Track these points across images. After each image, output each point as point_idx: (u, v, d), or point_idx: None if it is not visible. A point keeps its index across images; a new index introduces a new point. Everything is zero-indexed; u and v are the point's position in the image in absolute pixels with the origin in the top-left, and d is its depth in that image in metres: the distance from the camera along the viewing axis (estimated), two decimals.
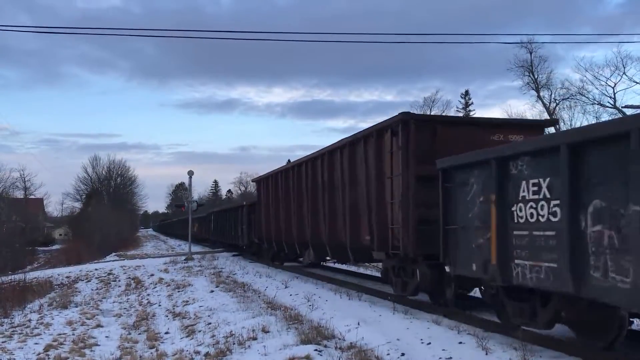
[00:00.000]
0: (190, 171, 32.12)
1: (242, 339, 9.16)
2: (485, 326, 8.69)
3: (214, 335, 9.97)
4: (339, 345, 8.14)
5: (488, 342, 7.54)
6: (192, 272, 21.89)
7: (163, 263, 26.72)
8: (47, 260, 49.40)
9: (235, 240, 30.58)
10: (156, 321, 12.50)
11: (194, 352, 8.95)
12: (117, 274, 23.04)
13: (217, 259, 27.93)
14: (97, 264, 30.87)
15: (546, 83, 49.24)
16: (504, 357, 7.05)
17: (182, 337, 10.49)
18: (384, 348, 7.82)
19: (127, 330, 11.77)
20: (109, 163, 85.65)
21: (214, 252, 34.51)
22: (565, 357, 6.96)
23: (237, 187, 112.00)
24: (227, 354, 8.56)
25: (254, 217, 25.40)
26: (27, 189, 78.05)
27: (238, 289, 15.48)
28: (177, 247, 50.16)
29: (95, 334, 11.36)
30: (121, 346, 10.26)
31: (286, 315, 10.66)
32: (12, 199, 63.77)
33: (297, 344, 8.35)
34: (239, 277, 18.88)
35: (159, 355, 9.17)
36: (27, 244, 52.55)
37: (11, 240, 45.50)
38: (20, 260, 42.61)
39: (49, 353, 9.75)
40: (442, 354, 7.45)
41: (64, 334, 11.32)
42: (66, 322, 12.53)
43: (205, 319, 11.62)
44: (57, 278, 23.08)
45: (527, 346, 7.07)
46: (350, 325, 9.22)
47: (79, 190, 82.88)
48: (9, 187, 65.57)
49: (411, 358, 7.43)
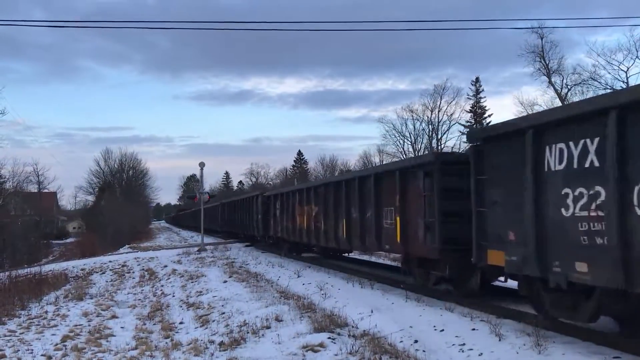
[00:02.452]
0: (202, 163, 32.18)
1: (255, 328, 9.23)
2: (498, 312, 8.69)
3: (228, 325, 10.05)
4: (352, 333, 8.19)
5: (501, 328, 7.55)
6: (205, 263, 22.03)
7: (176, 254, 26.90)
8: (62, 253, 49.93)
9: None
10: (170, 311, 12.61)
11: (208, 342, 9.03)
12: (131, 266, 23.23)
13: (230, 250, 28.07)
14: (111, 256, 31.13)
15: (558, 69, 48.75)
16: (517, 342, 7.06)
17: (196, 327, 10.58)
18: (397, 335, 7.85)
19: (142, 320, 11.88)
20: (121, 156, 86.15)
21: (226, 242, 34.65)
22: (579, 342, 6.96)
23: (248, 178, 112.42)
24: (242, 342, 8.63)
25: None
26: (41, 183, 78.75)
27: (251, 279, 15.57)
28: (190, 238, 50.46)
29: (111, 325, 11.48)
30: (136, 336, 10.36)
31: (299, 304, 10.71)
32: (26, 193, 64.40)
33: (310, 332, 8.40)
34: (251, 268, 18.99)
35: (174, 344, 9.26)
36: (42, 237, 53.14)
37: (26, 233, 46.00)
38: (36, 253, 43.09)
39: (66, 343, 9.87)
40: (456, 341, 7.47)
41: (80, 325, 11.46)
42: (82, 313, 12.68)
43: (219, 309, 11.71)
44: (71, 270, 23.32)
45: (540, 332, 7.06)
46: (363, 314, 9.26)
47: (91, 184, 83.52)
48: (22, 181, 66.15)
49: (424, 345, 7.46)
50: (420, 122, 65.56)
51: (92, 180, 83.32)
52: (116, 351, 9.27)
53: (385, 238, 12.57)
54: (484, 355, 6.84)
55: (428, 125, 65.10)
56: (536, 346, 6.76)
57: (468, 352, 7.01)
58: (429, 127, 65.00)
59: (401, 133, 66.31)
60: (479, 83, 67.69)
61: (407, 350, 7.17)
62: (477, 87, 67.53)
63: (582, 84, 46.76)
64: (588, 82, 45.94)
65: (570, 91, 47.95)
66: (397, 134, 66.57)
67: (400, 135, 66.40)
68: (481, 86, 67.83)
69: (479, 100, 67.11)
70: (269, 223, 25.18)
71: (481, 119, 65.73)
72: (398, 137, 66.63)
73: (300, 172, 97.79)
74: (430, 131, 64.79)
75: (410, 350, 7.19)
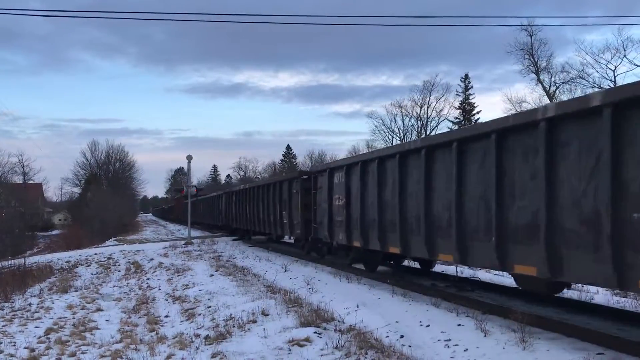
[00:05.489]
0: (189, 156, 31.97)
1: (242, 322, 9.20)
2: (483, 308, 8.72)
3: (214, 319, 10.02)
4: (338, 328, 8.18)
5: (486, 324, 7.58)
6: (191, 256, 21.94)
7: (162, 248, 26.76)
8: (47, 245, 49.55)
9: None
10: (156, 305, 12.55)
11: (194, 335, 8.99)
12: (116, 259, 23.08)
13: (217, 244, 27.98)
14: (97, 248, 30.91)
15: (546, 66, 49.06)
16: (503, 338, 7.09)
17: (182, 321, 10.54)
18: (383, 330, 7.86)
19: (127, 314, 11.81)
20: (108, 148, 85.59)
21: (213, 236, 34.54)
22: (563, 338, 7.00)
23: (236, 171, 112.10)
24: (227, 336, 8.60)
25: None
26: (26, 174, 78.06)
27: (238, 273, 15.52)
28: (177, 231, 50.22)
29: (96, 318, 11.40)
30: (121, 330, 10.30)
31: (286, 299, 10.69)
32: (11, 184, 63.78)
33: (296, 326, 8.39)
34: (238, 262, 18.93)
35: (159, 338, 9.21)
36: (27, 229, 52.65)
37: (11, 225, 45.55)
38: (20, 245, 42.71)
39: (50, 337, 9.79)
40: (441, 336, 7.48)
41: (64, 318, 11.37)
42: (66, 306, 12.57)
43: (205, 303, 11.66)
44: (57, 263, 23.13)
45: (525, 328, 7.10)
46: (350, 308, 9.26)
47: (78, 176, 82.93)
48: (7, 172, 65.54)
49: (410, 340, 7.47)
50: (409, 118, 65.81)
51: (79, 172, 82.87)
52: (101, 344, 9.20)
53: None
54: (469, 350, 6.85)
55: (417, 121, 65.36)
56: (521, 342, 6.79)
57: (454, 348, 7.02)
58: (418, 123, 65.25)
59: (390, 129, 66.51)
60: (468, 80, 67.98)
61: (393, 346, 7.18)
62: (466, 84, 67.82)
63: (570, 82, 47.14)
64: (576, 80, 46.32)
65: (558, 89, 48.31)
66: (386, 130, 66.77)
67: (389, 130, 66.60)
68: (470, 83, 68.16)
69: (468, 97, 67.39)
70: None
71: (470, 116, 66.03)
72: (387, 132, 66.84)
73: (288, 167, 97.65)
74: (419, 127, 65.04)
75: (396, 346, 7.20)
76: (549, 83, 49.03)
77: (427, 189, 9.95)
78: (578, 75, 45.95)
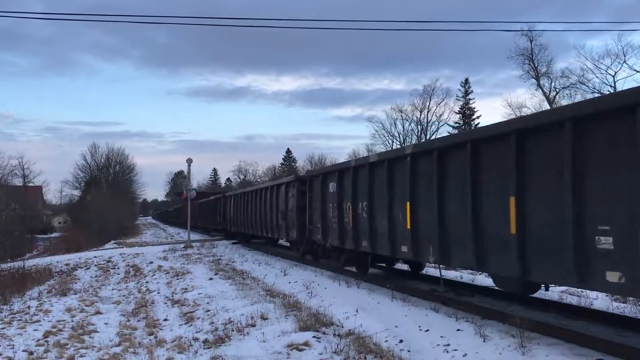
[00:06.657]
0: (189, 159, 31.93)
1: (240, 326, 9.19)
2: (482, 313, 8.72)
3: (213, 322, 10.00)
4: (337, 332, 8.18)
5: (485, 329, 7.57)
6: (191, 259, 21.92)
7: (162, 251, 26.73)
8: (47, 247, 49.47)
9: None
10: (155, 308, 12.53)
11: (192, 339, 8.98)
12: (116, 262, 23.05)
13: (216, 247, 27.95)
14: (96, 251, 30.88)
15: (546, 71, 49.14)
16: (502, 344, 7.08)
17: (181, 324, 10.52)
18: (382, 335, 7.85)
19: (126, 317, 11.79)
20: (108, 151, 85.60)
21: (213, 240, 34.51)
22: (562, 344, 6.99)
23: (236, 175, 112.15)
24: (226, 340, 8.59)
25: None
26: (26, 176, 78.03)
27: (237, 277, 15.51)
28: (177, 235, 50.18)
29: (95, 321, 11.38)
30: (120, 333, 10.28)
31: (285, 303, 10.68)
32: (10, 187, 63.69)
33: (295, 330, 8.38)
34: (238, 265, 18.92)
35: (158, 341, 9.20)
36: (26, 231, 52.55)
37: (10, 227, 45.47)
38: (20, 247, 42.63)
39: (48, 339, 9.77)
40: (441, 341, 7.48)
41: (63, 321, 11.35)
42: (65, 309, 12.56)
43: (204, 306, 11.65)
44: (56, 265, 23.11)
45: (524, 333, 7.09)
46: (349, 313, 9.26)
47: (78, 178, 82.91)
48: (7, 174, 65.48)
49: (409, 345, 7.46)
50: (409, 122, 65.85)
51: (79, 174, 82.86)
52: (99, 347, 9.19)
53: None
54: (468, 355, 6.85)
55: (417, 125, 65.41)
56: (520, 347, 6.78)
57: (453, 353, 7.01)
58: (418, 127, 65.30)
59: (390, 133, 66.55)
60: (468, 84, 68.09)
61: (392, 350, 7.17)
62: (467, 89, 67.91)
63: (570, 87, 47.22)
64: (576, 85, 46.40)
65: (558, 94, 48.39)
66: (386, 134, 66.81)
67: (390, 135, 66.65)
68: (470, 87, 68.26)
69: (468, 102, 67.45)
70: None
71: (470, 120, 66.08)
72: (387, 136, 66.89)
73: (288, 170, 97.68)
74: (419, 131, 65.08)
75: (395, 350, 7.19)
76: (549, 88, 49.15)
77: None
78: (578, 81, 46.10)
